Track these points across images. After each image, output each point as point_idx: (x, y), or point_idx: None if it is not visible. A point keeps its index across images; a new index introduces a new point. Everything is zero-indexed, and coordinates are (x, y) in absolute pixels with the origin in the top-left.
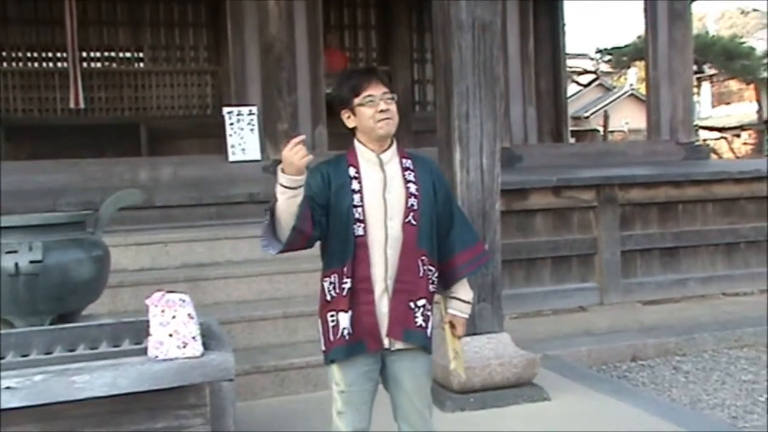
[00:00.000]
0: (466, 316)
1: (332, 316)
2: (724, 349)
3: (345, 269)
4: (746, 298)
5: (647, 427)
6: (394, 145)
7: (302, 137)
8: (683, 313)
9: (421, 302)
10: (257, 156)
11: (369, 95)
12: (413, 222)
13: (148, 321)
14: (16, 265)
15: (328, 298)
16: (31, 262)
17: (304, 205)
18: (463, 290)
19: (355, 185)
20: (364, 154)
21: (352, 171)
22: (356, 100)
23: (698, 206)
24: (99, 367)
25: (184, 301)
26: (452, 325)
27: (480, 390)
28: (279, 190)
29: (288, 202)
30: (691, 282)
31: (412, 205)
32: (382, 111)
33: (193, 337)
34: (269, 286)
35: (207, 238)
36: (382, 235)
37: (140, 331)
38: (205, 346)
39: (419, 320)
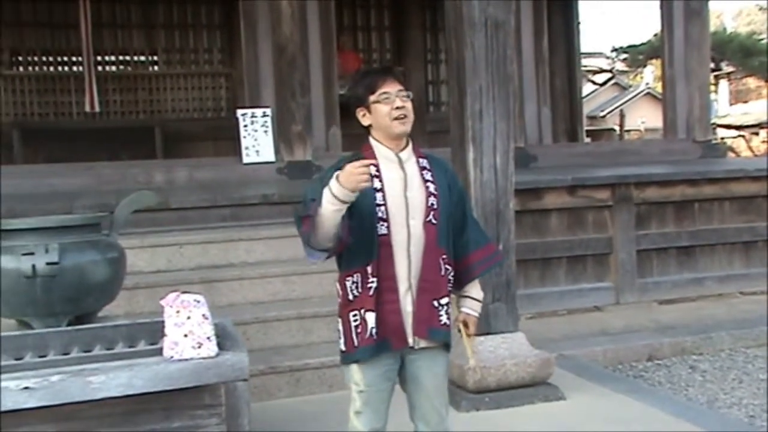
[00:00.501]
0: (478, 314)
1: (355, 315)
2: (742, 348)
3: (369, 268)
4: (764, 297)
5: (664, 426)
6: (411, 144)
7: (372, 161)
8: (700, 312)
9: (444, 300)
10: (271, 158)
11: (385, 92)
12: (434, 221)
13: (163, 322)
14: (33, 266)
15: (351, 297)
16: (48, 263)
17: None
18: (476, 289)
19: (376, 184)
20: (382, 152)
21: (372, 169)
22: (372, 98)
23: (715, 204)
24: (115, 368)
25: (198, 301)
26: (465, 324)
27: (495, 390)
28: (329, 200)
29: (335, 214)
30: (708, 281)
31: (433, 204)
32: (397, 108)
33: (208, 338)
34: (284, 287)
35: (222, 240)
36: (405, 234)
37: (155, 331)
38: (220, 346)
39: (443, 318)
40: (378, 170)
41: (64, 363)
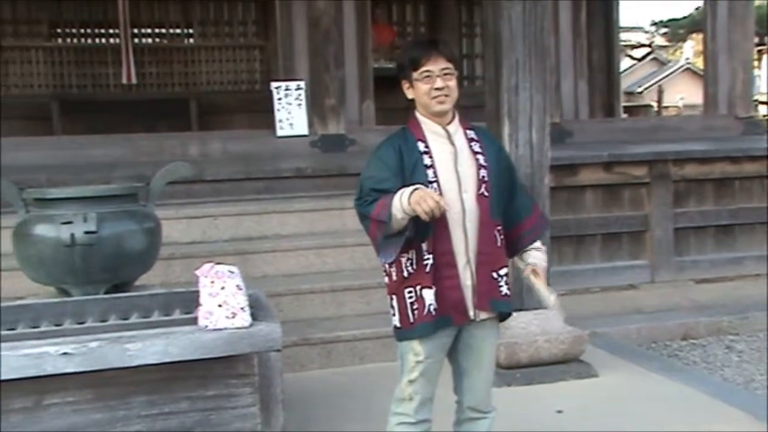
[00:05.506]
0: (545, 262)
1: (410, 292)
2: None
3: (425, 245)
4: None
5: (699, 405)
6: (457, 117)
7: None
8: (737, 292)
9: (503, 271)
10: (305, 131)
11: (427, 71)
12: (486, 193)
13: (198, 292)
14: (72, 235)
15: (405, 274)
16: (86, 232)
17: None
18: (537, 244)
19: (426, 160)
20: (430, 127)
21: (421, 146)
22: (414, 75)
23: (756, 183)
24: (151, 336)
25: (232, 272)
26: (535, 273)
27: (527, 366)
28: (401, 215)
29: (401, 222)
30: (747, 260)
31: (483, 176)
32: (438, 89)
33: (242, 308)
34: (317, 260)
35: (255, 212)
36: (459, 208)
37: (190, 301)
38: (253, 317)
39: (504, 289)
40: (427, 146)
41: (101, 330)
